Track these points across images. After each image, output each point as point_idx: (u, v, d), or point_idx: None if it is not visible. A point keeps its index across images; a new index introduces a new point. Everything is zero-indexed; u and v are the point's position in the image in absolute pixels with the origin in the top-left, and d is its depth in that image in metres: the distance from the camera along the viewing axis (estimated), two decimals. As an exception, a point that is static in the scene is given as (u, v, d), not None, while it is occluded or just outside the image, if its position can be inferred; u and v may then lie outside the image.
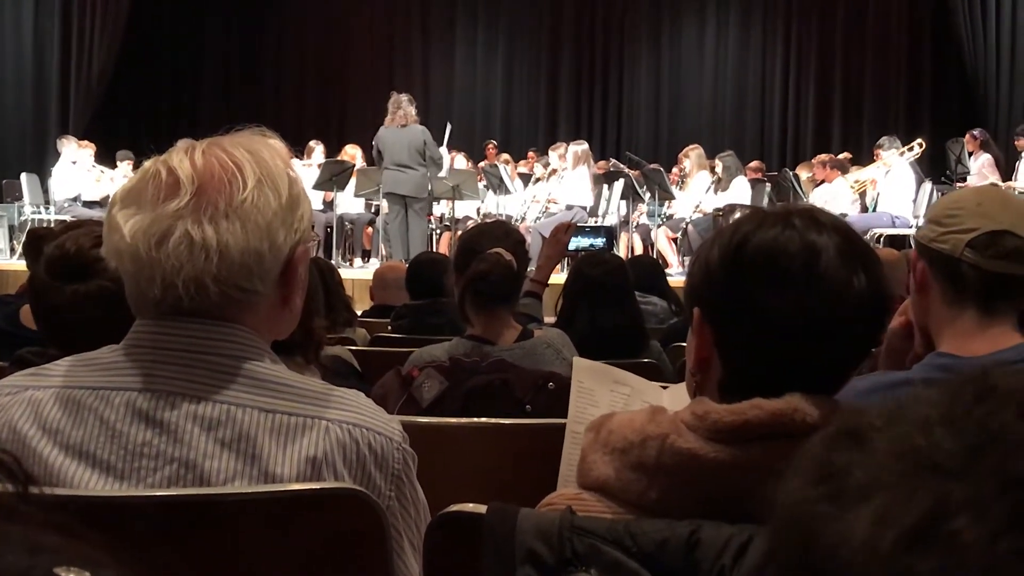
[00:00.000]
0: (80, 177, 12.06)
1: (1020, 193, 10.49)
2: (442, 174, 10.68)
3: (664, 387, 1.97)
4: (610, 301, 3.79)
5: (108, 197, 11.99)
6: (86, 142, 12.42)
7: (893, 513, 0.50)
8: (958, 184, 11.00)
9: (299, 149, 11.96)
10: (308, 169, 11.39)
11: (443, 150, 11.21)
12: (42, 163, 13.03)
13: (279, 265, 1.41)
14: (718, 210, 10.23)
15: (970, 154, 11.37)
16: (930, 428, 0.53)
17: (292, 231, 1.41)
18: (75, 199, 11.90)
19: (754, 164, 12.49)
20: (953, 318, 1.86)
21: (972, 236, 1.81)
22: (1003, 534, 0.48)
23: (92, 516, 1.25)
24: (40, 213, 11.84)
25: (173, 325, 1.37)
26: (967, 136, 11.45)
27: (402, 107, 10.14)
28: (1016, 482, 0.49)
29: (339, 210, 11.22)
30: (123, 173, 12.48)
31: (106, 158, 12.56)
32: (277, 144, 1.47)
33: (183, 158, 1.37)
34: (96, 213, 11.02)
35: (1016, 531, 0.48)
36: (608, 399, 1.89)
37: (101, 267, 2.06)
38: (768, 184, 11.56)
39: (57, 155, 12.34)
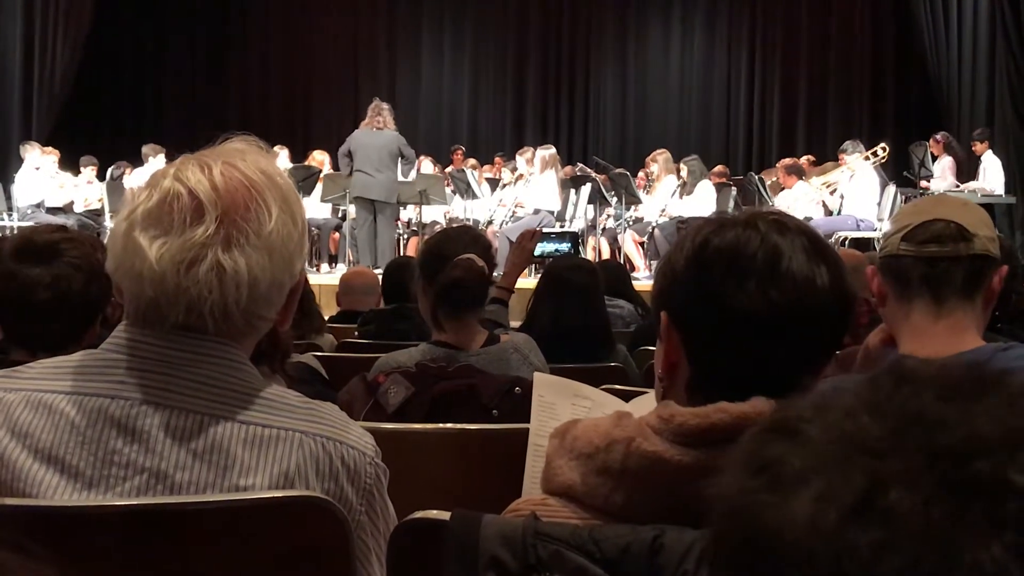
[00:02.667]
0: (43, 183, 11.96)
1: (984, 196, 10.62)
2: (410, 177, 10.67)
3: (625, 400, 1.97)
4: (577, 301, 3.78)
5: (72, 203, 11.91)
6: (50, 148, 12.33)
7: (832, 493, 0.53)
8: (922, 184, 11.12)
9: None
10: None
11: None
12: (5, 169, 12.89)
13: (290, 291, 1.44)
14: (681, 221, 10.28)
15: (934, 157, 11.49)
16: (857, 415, 0.57)
17: (303, 256, 1.45)
18: (38, 205, 11.79)
19: (718, 169, 12.56)
20: (906, 314, 1.92)
21: (905, 231, 1.91)
22: (934, 501, 0.52)
23: (56, 527, 1.24)
24: (3, 220, 11.73)
25: (156, 336, 1.36)
26: (931, 140, 11.57)
27: (382, 114, 10.20)
28: (941, 455, 0.53)
29: (305, 215, 11.15)
30: (86, 179, 12.40)
31: (69, 164, 12.46)
32: (274, 159, 1.48)
33: (200, 177, 1.35)
34: (59, 220, 10.92)
35: (946, 497, 0.52)
36: (569, 412, 1.89)
37: (62, 249, 2.12)
38: (734, 188, 11.62)
39: (20, 161, 12.24)
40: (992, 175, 11.10)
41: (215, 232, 1.32)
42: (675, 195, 11.15)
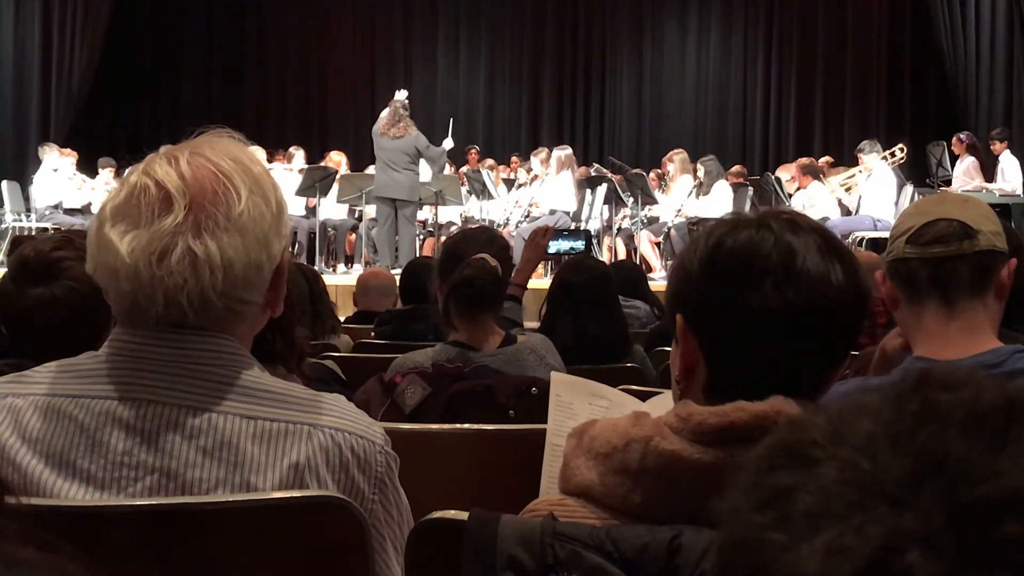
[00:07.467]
0: (61, 185, 12.02)
1: (1002, 195, 10.56)
2: (425, 180, 10.68)
3: (642, 400, 1.97)
4: (594, 310, 3.77)
5: (90, 205, 11.96)
6: (68, 150, 12.38)
7: (845, 546, 0.50)
8: (940, 187, 11.07)
9: (281, 154, 11.95)
10: (289, 174, 11.37)
11: (447, 142, 11.18)
12: (23, 171, 12.97)
13: (271, 273, 1.41)
14: (692, 224, 10.27)
15: (956, 157, 11.43)
16: (875, 450, 0.53)
17: (281, 238, 1.43)
18: (56, 207, 11.85)
19: (735, 169, 12.53)
20: (918, 318, 1.91)
21: (909, 234, 1.89)
22: (955, 572, 0.48)
23: (72, 526, 1.25)
24: (21, 221, 11.80)
25: (153, 334, 1.36)
26: (954, 139, 11.51)
27: (402, 121, 10.21)
28: (964, 512, 0.49)
29: (322, 216, 11.20)
30: (104, 180, 12.45)
31: (87, 165, 12.51)
32: (250, 147, 1.48)
33: (168, 169, 1.35)
34: (78, 221, 10.98)
35: (968, 566, 0.48)
36: (587, 412, 1.89)
37: (62, 268, 2.08)
38: (750, 188, 11.59)
39: (38, 162, 12.30)
40: (1011, 175, 11.03)
41: (183, 220, 1.31)
42: (691, 195, 11.13)
